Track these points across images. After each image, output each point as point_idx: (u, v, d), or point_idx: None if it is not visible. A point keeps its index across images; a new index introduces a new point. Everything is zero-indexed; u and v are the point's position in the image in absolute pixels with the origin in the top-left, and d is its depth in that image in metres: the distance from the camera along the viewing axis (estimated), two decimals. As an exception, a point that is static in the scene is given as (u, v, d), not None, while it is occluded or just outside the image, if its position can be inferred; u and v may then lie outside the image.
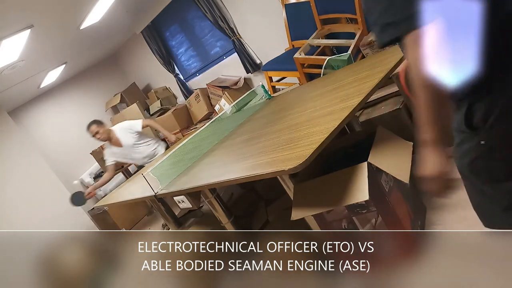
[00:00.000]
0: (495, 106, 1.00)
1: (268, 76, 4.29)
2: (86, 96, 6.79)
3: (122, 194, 3.36)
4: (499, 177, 1.11)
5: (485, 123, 1.03)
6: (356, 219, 1.84)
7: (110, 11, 4.29)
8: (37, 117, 6.29)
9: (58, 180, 5.10)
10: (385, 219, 1.81)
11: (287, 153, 1.75)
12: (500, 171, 1.10)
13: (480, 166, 1.12)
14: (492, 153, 1.07)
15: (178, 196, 2.49)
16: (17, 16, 3.03)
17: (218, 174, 2.12)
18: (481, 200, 1.21)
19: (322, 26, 3.81)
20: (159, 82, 6.81)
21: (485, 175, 1.13)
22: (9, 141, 4.85)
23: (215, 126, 3.28)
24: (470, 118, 1.04)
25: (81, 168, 6.30)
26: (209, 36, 5.64)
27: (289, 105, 2.68)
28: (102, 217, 5.25)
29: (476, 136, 1.06)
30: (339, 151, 2.28)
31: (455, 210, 2.04)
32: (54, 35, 4.03)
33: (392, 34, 0.95)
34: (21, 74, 4.49)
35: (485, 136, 1.05)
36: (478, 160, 1.11)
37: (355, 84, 2.20)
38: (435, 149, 1.08)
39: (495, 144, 1.05)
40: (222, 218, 2.42)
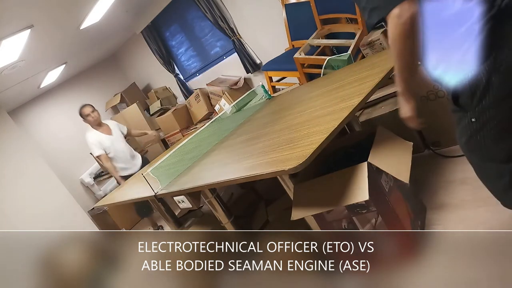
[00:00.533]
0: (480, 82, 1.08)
1: (268, 76, 4.29)
2: (86, 96, 6.78)
3: (122, 194, 3.36)
4: (495, 157, 1.17)
5: (472, 100, 1.12)
6: (356, 219, 1.84)
7: (110, 11, 4.29)
8: (37, 117, 6.29)
9: (58, 180, 5.10)
10: (385, 219, 1.81)
11: (287, 153, 1.75)
12: (495, 151, 1.16)
13: (475, 146, 1.19)
14: (484, 131, 1.15)
15: (178, 196, 2.49)
16: (17, 16, 3.03)
17: (218, 174, 2.12)
18: (484, 177, 1.27)
19: (322, 26, 3.81)
20: (159, 82, 6.81)
21: (481, 154, 1.20)
22: (9, 141, 4.85)
23: (215, 126, 3.28)
24: (456, 96, 1.17)
25: (81, 168, 6.30)
26: (209, 36, 5.64)
27: (289, 105, 2.68)
28: (102, 217, 5.26)
29: (466, 114, 1.16)
30: (339, 151, 2.28)
31: (455, 210, 2.04)
32: (54, 35, 4.04)
33: (379, 15, 1.12)
34: (21, 74, 4.49)
35: (475, 113, 1.14)
36: (472, 139, 1.18)
37: (355, 84, 2.20)
38: (405, 99, 1.32)
39: (485, 121, 1.13)
40: (222, 218, 2.42)
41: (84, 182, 6.30)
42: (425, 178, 2.45)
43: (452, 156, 2.52)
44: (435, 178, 2.40)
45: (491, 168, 1.20)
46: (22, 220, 4.55)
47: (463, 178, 2.20)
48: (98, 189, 6.29)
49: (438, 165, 2.52)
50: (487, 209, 1.89)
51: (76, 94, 6.69)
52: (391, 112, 2.75)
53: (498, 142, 1.14)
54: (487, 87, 1.07)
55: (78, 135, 6.47)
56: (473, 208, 1.98)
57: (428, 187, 2.34)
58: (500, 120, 1.11)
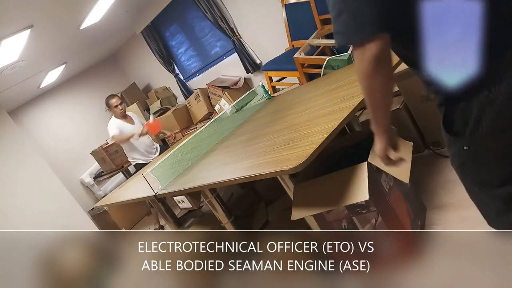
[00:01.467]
0: (471, 112, 1.02)
1: (268, 76, 4.29)
2: (86, 96, 6.80)
3: (122, 194, 3.36)
4: (488, 183, 1.12)
5: (465, 129, 1.05)
6: (356, 219, 1.84)
7: (110, 11, 4.29)
8: (37, 117, 6.29)
9: (58, 180, 5.10)
10: (385, 219, 1.81)
11: (287, 153, 1.75)
12: (488, 177, 1.11)
13: (468, 171, 1.15)
14: (477, 159, 1.09)
15: (178, 196, 2.49)
16: (17, 16, 3.03)
17: (218, 174, 2.12)
18: (476, 201, 1.23)
19: (322, 26, 3.81)
20: (159, 82, 6.81)
21: (474, 179, 1.16)
22: (9, 141, 4.85)
23: (215, 126, 3.28)
24: (449, 125, 1.09)
25: (81, 168, 6.30)
26: (209, 36, 5.64)
27: (289, 105, 2.68)
28: (102, 217, 5.25)
29: (459, 141, 1.09)
30: (339, 151, 2.28)
31: (455, 210, 2.04)
32: (54, 35, 4.03)
33: (341, 41, 1.02)
34: (21, 74, 4.49)
35: (467, 141, 1.07)
36: (465, 165, 1.13)
37: (355, 84, 2.20)
38: (378, 137, 1.25)
39: (478, 150, 1.07)
40: (222, 218, 2.42)
41: (84, 182, 6.30)
42: (425, 178, 2.45)
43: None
44: (435, 178, 2.40)
45: (484, 192, 1.16)
46: (22, 220, 4.55)
47: (463, 178, 2.19)
48: (98, 189, 6.29)
49: (438, 165, 2.52)
50: (487, 209, 1.89)
51: (76, 94, 6.70)
52: (391, 112, 2.75)
53: (491, 170, 1.09)
54: (481, 117, 1.01)
55: (78, 135, 6.49)
56: (473, 208, 1.97)
57: (428, 187, 2.34)
58: (493, 151, 1.06)
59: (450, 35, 0.97)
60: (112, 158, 5.28)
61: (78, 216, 5.06)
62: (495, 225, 1.21)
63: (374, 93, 1.08)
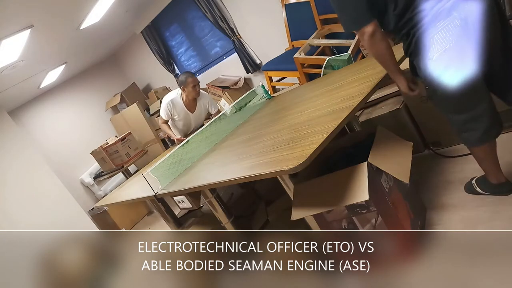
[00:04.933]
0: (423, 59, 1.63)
1: (268, 76, 4.29)
2: (86, 96, 6.80)
3: (122, 194, 3.35)
4: (450, 111, 1.77)
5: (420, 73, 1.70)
6: (356, 219, 1.84)
7: (110, 11, 4.29)
8: (37, 117, 6.29)
9: (58, 180, 5.10)
10: (385, 219, 1.81)
11: (287, 153, 1.75)
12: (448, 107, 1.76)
13: (437, 102, 1.81)
14: (436, 94, 1.72)
15: (178, 196, 2.48)
16: (17, 16, 3.03)
17: (218, 174, 2.12)
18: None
19: (322, 26, 3.81)
20: (159, 82, 6.81)
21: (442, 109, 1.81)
22: (9, 141, 4.85)
23: (215, 126, 3.28)
24: (414, 70, 1.77)
25: (81, 168, 6.31)
26: (209, 36, 5.64)
27: (289, 105, 2.68)
28: (102, 217, 5.25)
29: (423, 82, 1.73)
30: (339, 151, 2.28)
31: (455, 210, 2.04)
32: (54, 35, 4.04)
33: (348, 29, 1.76)
34: (21, 74, 4.49)
35: (426, 82, 1.72)
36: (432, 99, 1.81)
37: (355, 84, 2.20)
38: (397, 80, 1.85)
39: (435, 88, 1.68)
40: (222, 218, 2.42)
41: (84, 182, 6.30)
42: (425, 178, 2.45)
43: (452, 156, 2.52)
44: (435, 178, 2.40)
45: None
46: (22, 220, 4.55)
47: (463, 178, 2.19)
48: (98, 189, 6.29)
49: (438, 165, 2.52)
50: (487, 209, 1.89)
51: (76, 94, 6.70)
52: (391, 112, 2.75)
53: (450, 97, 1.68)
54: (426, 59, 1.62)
55: (78, 135, 6.49)
56: (473, 208, 1.98)
57: (428, 187, 2.34)
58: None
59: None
60: (112, 158, 5.27)
61: (78, 216, 5.06)
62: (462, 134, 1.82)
63: (380, 54, 1.73)
